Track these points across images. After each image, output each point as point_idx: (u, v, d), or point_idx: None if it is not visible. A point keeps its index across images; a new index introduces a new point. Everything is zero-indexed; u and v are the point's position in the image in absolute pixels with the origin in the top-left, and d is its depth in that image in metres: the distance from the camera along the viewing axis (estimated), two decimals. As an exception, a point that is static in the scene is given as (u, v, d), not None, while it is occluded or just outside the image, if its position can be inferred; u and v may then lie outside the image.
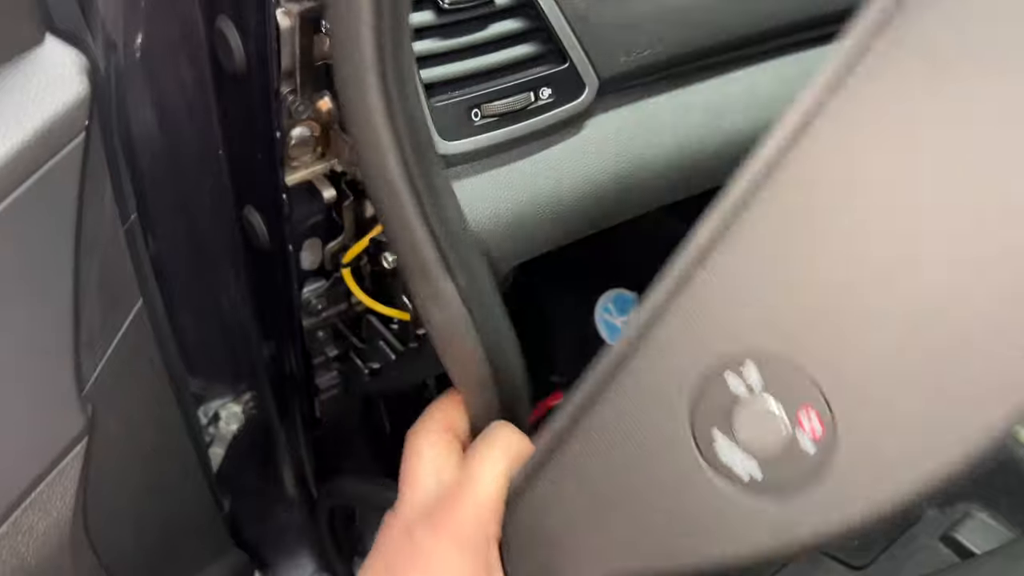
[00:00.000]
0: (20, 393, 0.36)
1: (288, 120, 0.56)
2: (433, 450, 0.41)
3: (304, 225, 0.65)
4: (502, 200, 0.52)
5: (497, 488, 0.37)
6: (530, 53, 0.51)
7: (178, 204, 0.59)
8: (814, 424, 0.30)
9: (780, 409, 0.30)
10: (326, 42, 0.53)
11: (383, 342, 0.68)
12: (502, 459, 0.38)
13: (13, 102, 0.31)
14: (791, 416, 0.30)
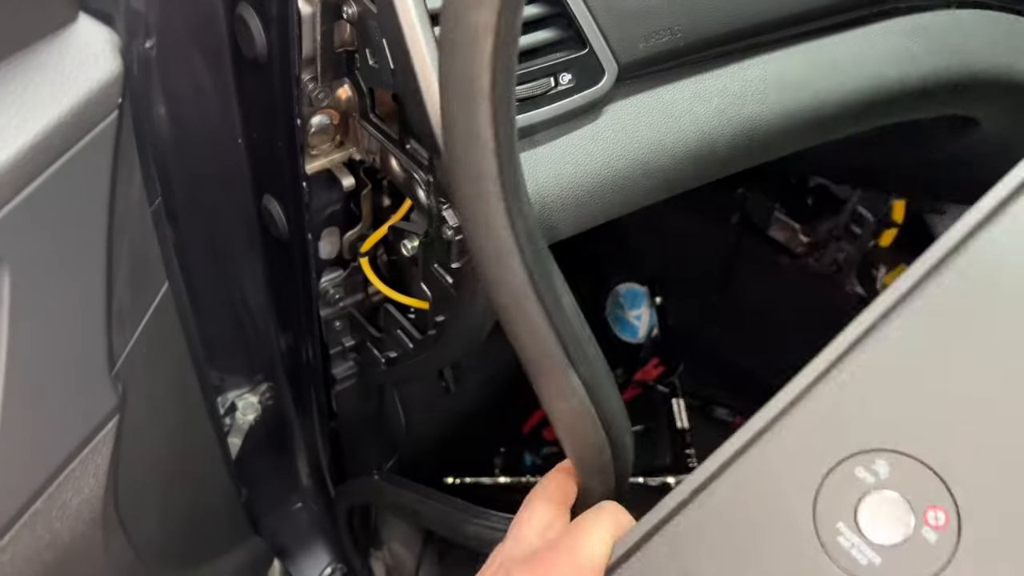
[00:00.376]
0: (55, 369, 0.36)
1: (308, 108, 0.56)
2: (545, 507, 0.43)
3: (323, 214, 0.65)
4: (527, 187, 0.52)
5: (601, 551, 0.38)
6: (550, 38, 0.52)
7: (196, 193, 0.59)
8: (940, 522, 0.32)
9: (906, 504, 0.32)
10: (347, 28, 0.53)
11: (400, 331, 0.68)
12: (610, 528, 0.38)
13: (48, 79, 0.31)
14: (918, 513, 0.32)
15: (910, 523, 0.32)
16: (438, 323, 0.61)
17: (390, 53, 0.49)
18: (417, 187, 0.55)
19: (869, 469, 0.32)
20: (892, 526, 0.32)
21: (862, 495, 0.32)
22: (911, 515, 0.32)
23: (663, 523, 0.36)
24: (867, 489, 0.32)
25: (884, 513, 0.32)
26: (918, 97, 0.69)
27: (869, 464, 0.32)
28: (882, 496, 0.32)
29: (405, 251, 0.60)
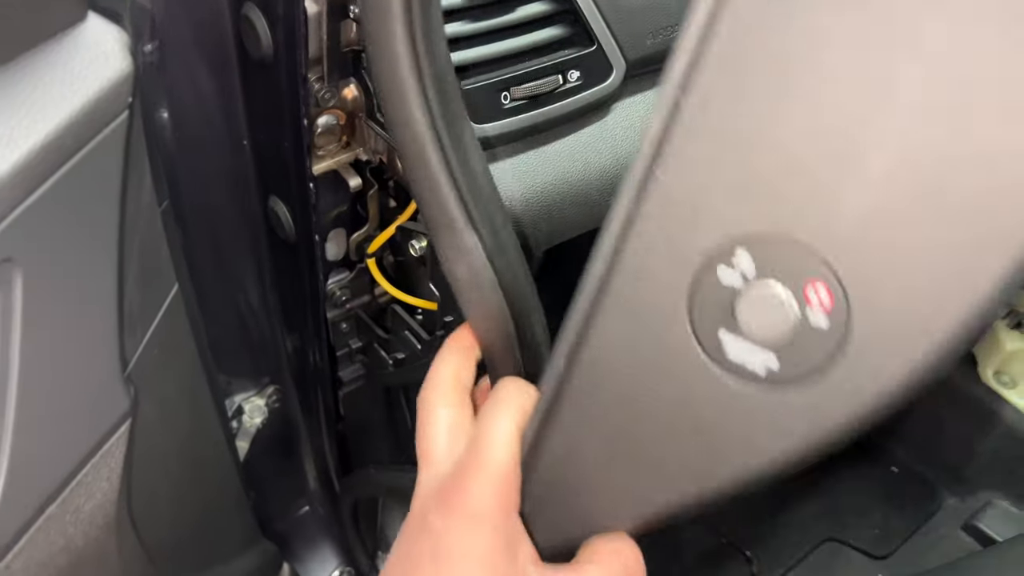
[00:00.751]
0: (68, 371, 0.36)
1: (314, 108, 0.56)
2: (447, 411, 0.37)
3: (329, 215, 0.65)
4: (533, 183, 0.52)
5: (509, 453, 0.34)
6: (558, 35, 0.51)
7: (203, 194, 0.59)
8: (822, 296, 0.27)
9: (784, 290, 0.28)
10: (353, 28, 0.53)
11: (408, 332, 0.67)
12: (512, 417, 0.34)
13: (59, 79, 0.31)
14: (797, 294, 0.28)
15: (793, 307, 0.28)
16: (447, 323, 0.61)
17: (398, 51, 0.48)
18: (425, 186, 0.54)
19: (731, 265, 0.28)
20: (776, 319, 0.28)
21: (735, 297, 0.28)
22: (792, 300, 0.28)
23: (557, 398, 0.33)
24: (737, 289, 0.28)
25: (763, 308, 0.28)
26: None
27: (729, 260, 0.28)
28: (756, 290, 0.28)
29: (413, 251, 0.60)
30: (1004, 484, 1.13)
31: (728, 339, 0.29)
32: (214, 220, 0.61)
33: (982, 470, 1.15)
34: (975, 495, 1.15)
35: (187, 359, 0.50)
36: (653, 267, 0.30)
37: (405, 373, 0.72)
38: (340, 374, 0.77)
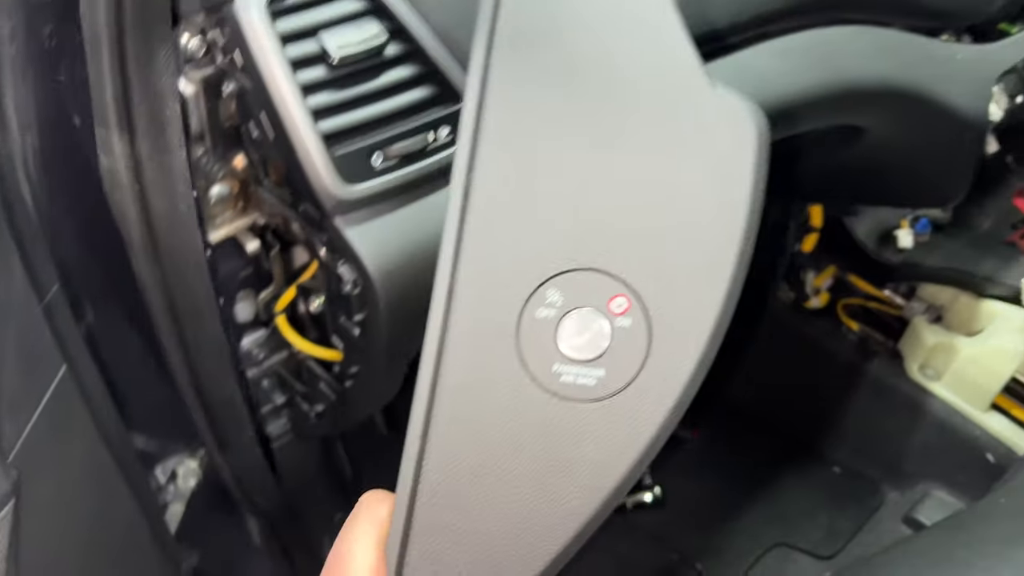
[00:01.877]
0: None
1: (203, 181, 0.58)
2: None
3: (236, 278, 0.67)
4: (413, 237, 0.54)
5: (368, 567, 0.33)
6: (425, 97, 0.54)
7: (107, 274, 0.60)
8: (622, 303, 0.32)
9: (591, 311, 0.32)
10: (231, 105, 0.55)
11: (324, 384, 0.70)
12: (366, 533, 0.33)
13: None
14: (603, 310, 0.32)
15: (604, 324, 0.32)
16: (353, 374, 0.63)
17: (268, 124, 0.51)
18: (316, 245, 0.57)
19: (546, 305, 0.33)
20: (594, 337, 0.32)
21: (555, 331, 0.33)
22: (602, 318, 0.32)
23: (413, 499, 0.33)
24: (556, 321, 0.33)
25: (580, 333, 0.32)
26: (800, 112, 0.72)
27: (543, 301, 0.33)
28: (571, 319, 0.32)
29: (313, 308, 0.62)
30: (940, 474, 1.16)
31: (561, 370, 0.33)
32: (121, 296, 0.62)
33: (918, 462, 1.18)
34: (914, 488, 1.18)
35: (85, 437, 0.51)
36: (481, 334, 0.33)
37: (328, 425, 0.74)
38: (268, 430, 0.79)
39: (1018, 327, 1.08)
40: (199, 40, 0.51)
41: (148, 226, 0.50)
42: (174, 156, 0.49)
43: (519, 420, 0.33)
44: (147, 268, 0.52)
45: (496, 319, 0.33)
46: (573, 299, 0.33)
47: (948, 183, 0.89)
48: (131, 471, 0.63)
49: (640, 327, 0.32)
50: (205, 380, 0.61)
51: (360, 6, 0.51)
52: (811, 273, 1.22)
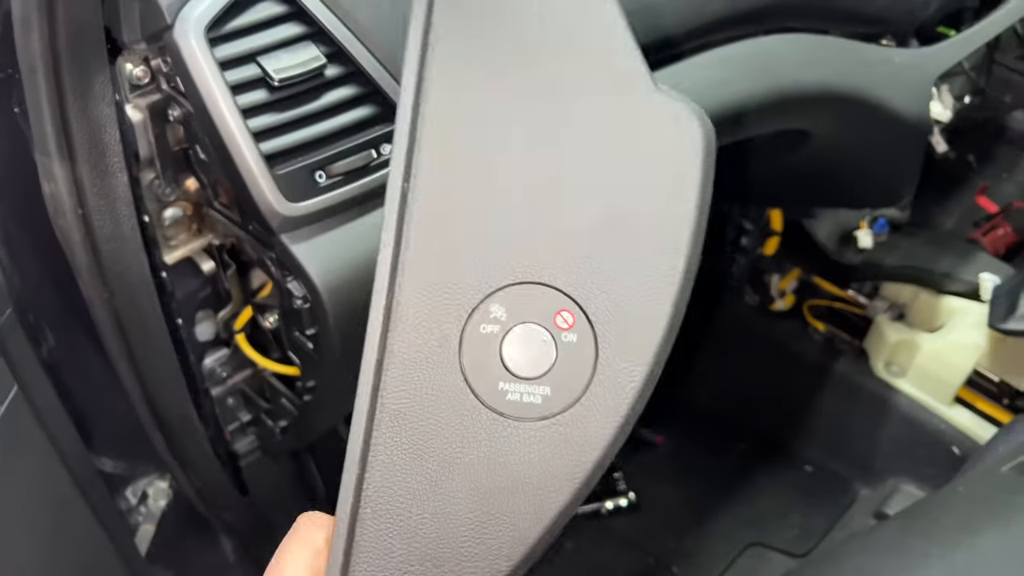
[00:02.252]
0: None
1: (156, 204, 0.60)
2: None
3: (195, 299, 0.68)
4: (358, 252, 0.56)
5: None
6: (367, 115, 0.56)
7: (65, 299, 0.62)
8: (567, 319, 0.32)
9: (537, 327, 0.32)
10: (179, 130, 0.57)
11: (285, 399, 0.71)
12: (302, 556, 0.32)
13: None
14: (548, 326, 0.32)
15: (550, 340, 0.32)
16: (311, 387, 0.65)
17: (212, 147, 0.53)
18: (267, 263, 0.59)
19: (491, 320, 0.32)
20: (539, 354, 0.32)
21: (500, 347, 0.32)
22: (547, 333, 0.32)
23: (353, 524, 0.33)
24: (500, 337, 0.32)
25: (526, 349, 0.32)
26: (743, 118, 0.74)
27: (487, 316, 0.32)
28: (515, 335, 0.32)
29: (268, 324, 0.63)
30: (908, 469, 1.18)
31: (507, 388, 0.32)
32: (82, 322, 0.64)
33: (887, 458, 1.20)
34: (884, 483, 1.20)
35: (39, 458, 0.53)
36: (423, 350, 0.32)
37: (293, 440, 0.76)
38: (236, 448, 0.80)
39: (977, 321, 1.10)
40: (143, 68, 0.53)
41: (93, 249, 0.51)
42: (116, 180, 0.50)
43: (464, 441, 0.32)
44: (94, 290, 0.54)
45: (438, 334, 0.32)
46: (518, 314, 0.32)
47: (895, 182, 0.92)
48: (94, 493, 0.64)
49: (586, 343, 0.32)
50: (158, 397, 0.62)
51: (298, 31, 0.53)
52: (775, 276, 1.24)
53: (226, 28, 0.51)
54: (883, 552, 0.70)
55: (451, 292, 0.32)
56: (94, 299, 0.54)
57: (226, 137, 0.51)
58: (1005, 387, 1.11)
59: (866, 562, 0.69)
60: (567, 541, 1.18)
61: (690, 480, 1.24)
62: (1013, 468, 0.77)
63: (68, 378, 0.67)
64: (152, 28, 0.50)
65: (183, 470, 0.70)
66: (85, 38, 0.45)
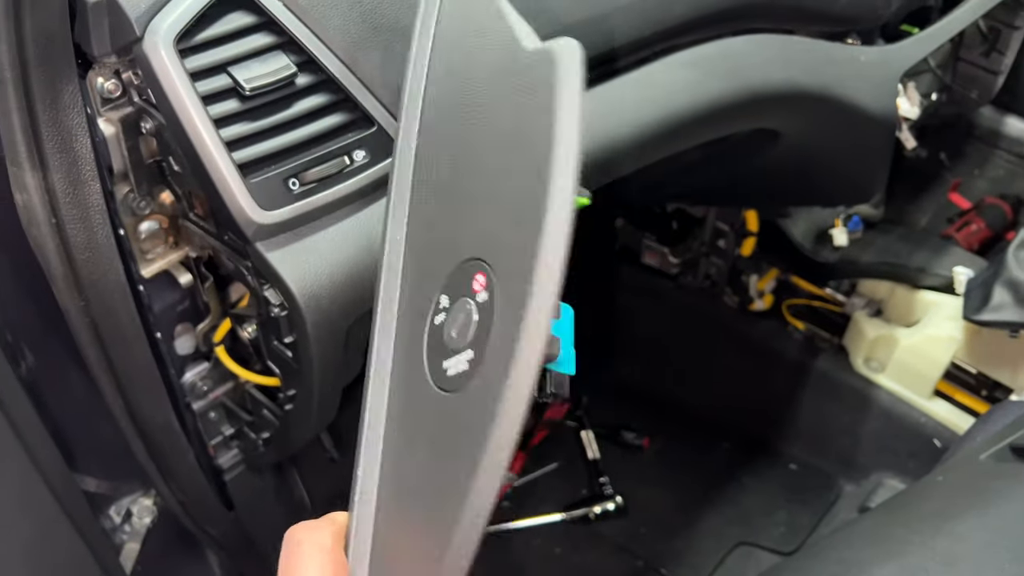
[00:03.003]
0: None
1: (132, 217, 0.60)
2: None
3: (173, 312, 0.68)
4: (333, 259, 0.56)
5: None
6: (338, 123, 0.56)
7: (45, 318, 0.62)
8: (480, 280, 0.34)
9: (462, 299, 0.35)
10: (152, 143, 0.57)
11: (267, 410, 0.71)
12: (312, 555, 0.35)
13: None
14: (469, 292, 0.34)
15: (471, 305, 0.34)
16: (291, 396, 0.65)
17: (185, 157, 0.53)
18: (243, 272, 0.59)
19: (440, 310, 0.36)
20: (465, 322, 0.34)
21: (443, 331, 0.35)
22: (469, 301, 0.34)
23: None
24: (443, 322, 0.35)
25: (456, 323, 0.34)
26: (712, 118, 0.76)
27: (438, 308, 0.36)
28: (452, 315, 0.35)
29: (247, 334, 0.64)
30: (891, 463, 1.19)
31: (448, 364, 0.34)
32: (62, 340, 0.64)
33: (870, 453, 1.21)
34: (868, 478, 1.21)
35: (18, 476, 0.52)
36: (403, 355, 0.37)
37: (276, 451, 0.76)
38: (219, 462, 0.80)
39: (952, 314, 1.11)
40: (114, 82, 0.53)
41: (68, 258, 0.51)
42: (89, 188, 0.51)
43: (431, 424, 0.35)
44: (70, 300, 0.54)
45: (412, 339, 0.36)
46: (455, 296, 0.35)
47: (865, 179, 0.93)
48: (77, 513, 0.64)
49: (494, 295, 0.33)
50: (139, 407, 0.62)
51: (268, 41, 0.54)
52: (754, 277, 1.25)
53: (196, 39, 0.51)
54: (865, 543, 0.71)
55: (418, 298, 0.36)
56: (70, 309, 0.54)
57: (199, 147, 0.51)
58: (982, 378, 1.13)
59: (849, 554, 0.70)
60: (555, 547, 1.18)
61: (676, 482, 1.25)
62: (991, 456, 0.78)
63: (48, 397, 0.67)
64: (121, 41, 0.50)
65: (167, 483, 0.70)
66: (53, 47, 0.46)
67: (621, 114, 0.69)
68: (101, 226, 0.52)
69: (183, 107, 0.51)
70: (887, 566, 0.64)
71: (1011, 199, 1.31)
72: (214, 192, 0.53)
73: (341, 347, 0.59)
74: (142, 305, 0.63)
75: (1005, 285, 0.99)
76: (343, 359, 0.60)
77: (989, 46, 1.13)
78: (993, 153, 1.37)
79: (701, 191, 1.09)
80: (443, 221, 0.37)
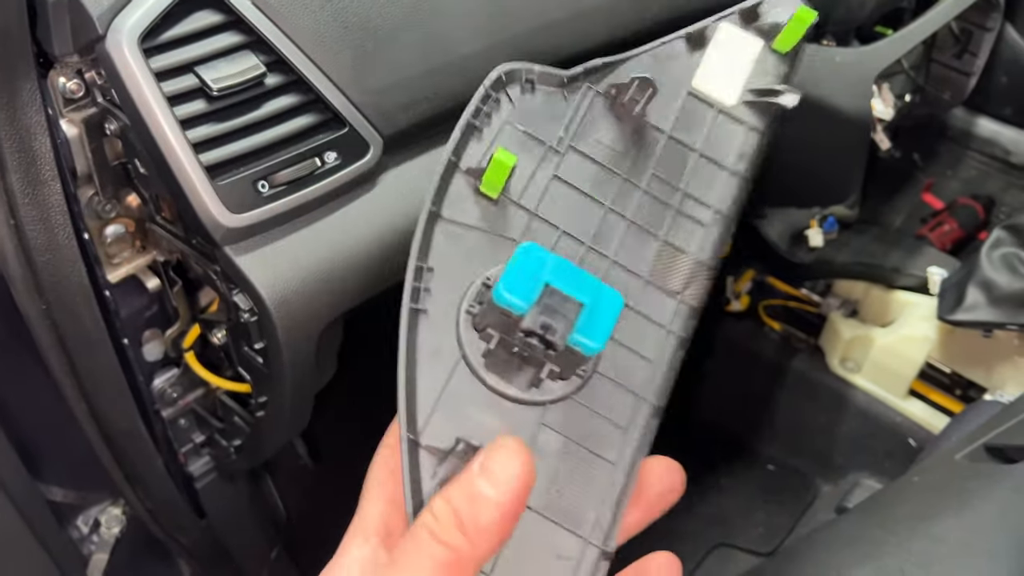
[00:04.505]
0: None
1: (96, 221, 0.58)
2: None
3: (141, 318, 0.67)
4: (308, 260, 0.55)
5: None
6: (309, 124, 0.55)
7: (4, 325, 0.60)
8: None
9: None
10: (117, 144, 0.56)
11: (238, 417, 0.70)
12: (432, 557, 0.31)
13: None
14: None
15: None
16: (263, 403, 0.64)
17: (151, 159, 0.52)
18: (212, 277, 0.57)
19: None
20: None
21: None
22: None
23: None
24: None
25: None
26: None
27: None
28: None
29: (216, 340, 0.62)
30: (867, 463, 1.20)
31: None
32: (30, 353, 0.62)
33: (846, 453, 1.22)
34: (845, 478, 1.21)
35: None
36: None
37: (248, 458, 0.74)
38: (190, 469, 0.79)
39: (927, 314, 1.12)
40: (77, 81, 0.52)
41: (28, 260, 0.50)
42: (48, 188, 0.49)
43: None
44: (30, 303, 0.52)
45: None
46: None
47: (841, 179, 0.93)
48: (41, 524, 0.63)
49: None
50: (103, 413, 0.61)
51: (236, 40, 0.52)
52: (730, 278, 1.26)
53: (161, 38, 0.50)
54: (843, 545, 0.71)
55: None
56: (31, 313, 0.52)
57: (164, 149, 0.50)
58: (957, 378, 1.14)
59: (826, 556, 0.70)
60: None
61: (654, 484, 1.25)
62: (966, 455, 0.78)
63: (11, 406, 0.65)
64: (84, 39, 0.49)
65: (134, 490, 0.68)
66: (9, 45, 0.44)
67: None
68: (62, 227, 0.50)
69: (148, 108, 0.50)
70: (864, 568, 0.64)
71: (983, 199, 1.32)
72: (181, 195, 0.51)
73: (313, 353, 0.57)
74: (108, 310, 0.61)
75: (978, 285, 1.00)
76: (315, 365, 0.59)
77: (961, 48, 1.13)
78: (965, 154, 1.38)
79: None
80: None
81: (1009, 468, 0.69)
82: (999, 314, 0.98)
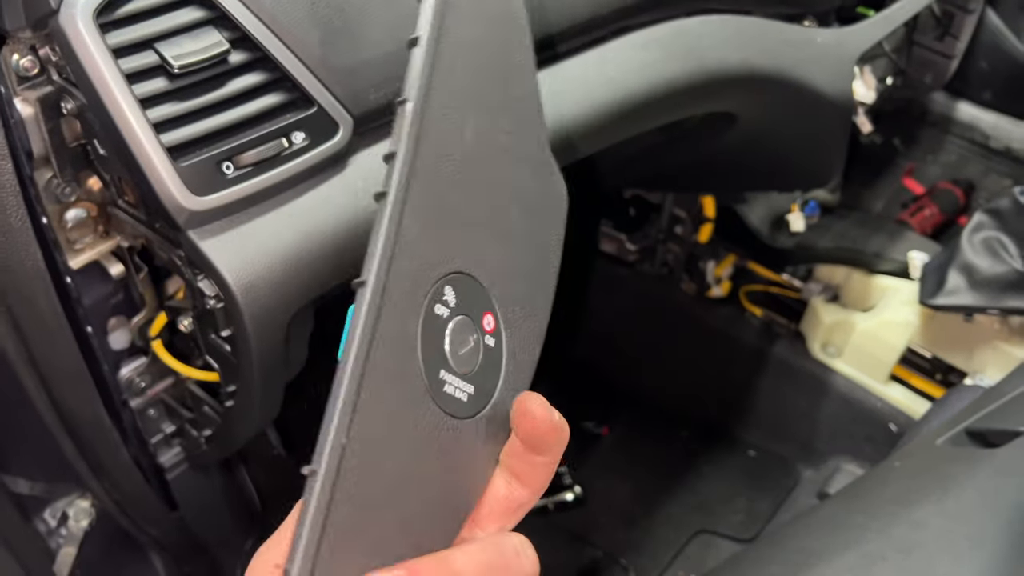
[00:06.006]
0: None
1: (56, 205, 0.56)
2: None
3: (105, 305, 0.65)
4: (274, 245, 0.53)
5: None
6: (276, 103, 0.53)
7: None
8: (489, 321, 0.36)
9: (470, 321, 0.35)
10: (76, 124, 0.54)
11: (208, 407, 0.68)
12: None
13: None
14: (478, 324, 0.35)
15: (479, 340, 0.35)
16: (232, 392, 0.62)
17: (109, 140, 0.50)
18: (176, 262, 0.56)
19: (442, 302, 0.33)
20: (471, 351, 0.34)
21: (445, 332, 0.33)
22: (477, 332, 0.35)
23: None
24: (446, 319, 0.33)
25: (463, 343, 0.34)
26: (667, 100, 0.74)
27: (440, 298, 0.33)
28: (456, 324, 0.34)
29: (183, 327, 0.60)
30: (848, 448, 1.20)
31: (446, 377, 0.34)
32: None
33: (828, 438, 1.22)
34: (826, 463, 1.21)
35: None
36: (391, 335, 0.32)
37: (220, 448, 0.73)
38: (161, 460, 0.77)
39: (908, 299, 1.12)
40: (31, 58, 0.50)
41: (-23, 244, 0.48)
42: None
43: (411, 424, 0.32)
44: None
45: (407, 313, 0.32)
46: (461, 304, 0.34)
47: (822, 163, 0.92)
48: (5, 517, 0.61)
49: (500, 351, 0.36)
50: (64, 402, 0.59)
51: (199, 15, 0.50)
52: (711, 263, 1.25)
53: (118, 13, 0.48)
54: (824, 531, 0.70)
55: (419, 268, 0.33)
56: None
57: (123, 129, 0.48)
58: (937, 362, 1.13)
59: (808, 542, 0.69)
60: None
61: (635, 471, 1.24)
62: (947, 440, 0.78)
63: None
64: (36, 13, 0.47)
65: (100, 481, 0.66)
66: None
67: (573, 94, 0.67)
68: (15, 208, 0.48)
69: (105, 86, 0.47)
70: (846, 554, 0.64)
71: (963, 184, 1.32)
72: (141, 177, 0.49)
73: (282, 341, 0.56)
74: (69, 297, 0.59)
75: (959, 269, 0.99)
76: (284, 353, 0.57)
77: (943, 30, 1.13)
78: (945, 139, 1.38)
79: (658, 176, 1.07)
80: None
81: (990, 452, 0.68)
82: (980, 298, 0.98)
